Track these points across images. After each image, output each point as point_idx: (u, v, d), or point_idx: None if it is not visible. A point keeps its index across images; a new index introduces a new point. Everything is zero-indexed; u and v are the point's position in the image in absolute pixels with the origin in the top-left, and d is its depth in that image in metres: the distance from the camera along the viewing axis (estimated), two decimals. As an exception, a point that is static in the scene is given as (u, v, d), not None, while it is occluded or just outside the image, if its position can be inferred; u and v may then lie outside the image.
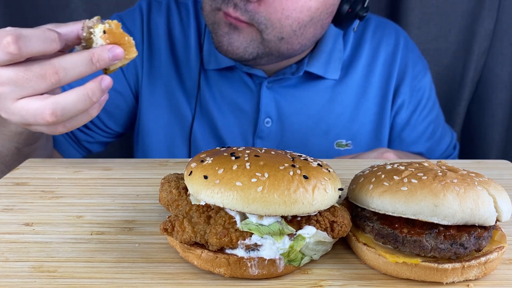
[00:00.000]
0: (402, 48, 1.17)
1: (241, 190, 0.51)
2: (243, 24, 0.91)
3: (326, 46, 1.10)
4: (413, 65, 1.18)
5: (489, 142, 1.62)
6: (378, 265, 0.55)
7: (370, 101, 1.16)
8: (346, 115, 1.15)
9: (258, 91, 1.12)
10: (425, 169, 0.58)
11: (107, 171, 0.84)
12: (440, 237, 0.52)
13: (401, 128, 1.19)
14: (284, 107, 1.12)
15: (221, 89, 1.13)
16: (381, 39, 1.17)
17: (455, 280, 0.53)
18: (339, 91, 1.14)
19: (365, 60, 1.15)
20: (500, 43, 1.52)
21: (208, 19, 0.97)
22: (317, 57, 1.09)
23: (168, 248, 0.59)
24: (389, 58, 1.17)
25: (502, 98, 1.55)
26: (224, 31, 0.94)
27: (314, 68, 1.09)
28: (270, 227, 0.52)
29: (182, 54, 1.15)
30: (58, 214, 0.68)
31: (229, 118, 1.14)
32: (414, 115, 1.19)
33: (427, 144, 1.22)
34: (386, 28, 1.20)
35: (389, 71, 1.16)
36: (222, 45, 0.95)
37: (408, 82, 1.17)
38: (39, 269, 0.55)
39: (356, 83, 1.15)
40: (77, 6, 1.51)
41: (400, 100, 1.17)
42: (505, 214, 0.54)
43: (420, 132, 1.21)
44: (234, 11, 0.89)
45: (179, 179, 0.63)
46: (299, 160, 0.57)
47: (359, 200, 0.58)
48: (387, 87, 1.16)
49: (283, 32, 0.91)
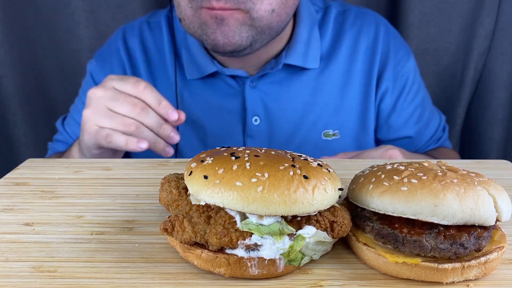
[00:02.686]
0: (382, 36, 1.18)
1: (241, 190, 0.51)
2: (227, 12, 0.92)
3: (301, 36, 1.11)
4: (395, 51, 1.19)
5: (489, 142, 1.62)
6: (378, 265, 0.55)
7: (354, 90, 1.17)
8: (331, 105, 1.16)
9: (242, 92, 1.13)
10: (425, 169, 0.58)
11: (107, 171, 0.84)
12: (440, 237, 0.52)
13: (388, 114, 1.21)
14: (270, 103, 1.14)
15: (205, 96, 1.15)
16: (361, 28, 1.18)
17: (455, 280, 0.53)
18: (322, 82, 1.15)
19: (346, 50, 1.16)
20: (500, 43, 1.52)
21: (193, 23, 0.97)
22: (293, 48, 1.10)
23: (168, 248, 0.59)
24: (370, 46, 1.17)
25: (502, 98, 1.55)
26: (213, 28, 0.94)
27: (292, 60, 1.10)
28: (270, 227, 0.52)
29: (158, 70, 1.18)
30: (58, 214, 0.68)
31: (217, 123, 1.16)
32: (400, 100, 1.20)
33: (415, 128, 1.23)
34: (366, 17, 1.21)
35: (371, 59, 1.17)
36: (218, 42, 0.95)
37: (391, 69, 1.18)
38: (39, 269, 0.55)
39: (339, 73, 1.16)
40: (77, 6, 1.51)
41: (383, 86, 1.18)
42: (505, 214, 0.54)
43: (407, 117, 1.22)
44: (217, 2, 0.90)
45: (179, 179, 0.63)
46: (299, 160, 0.57)
47: (359, 200, 0.58)
48: (370, 75, 1.17)
49: (273, 3, 0.93)
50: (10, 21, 1.53)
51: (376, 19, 1.22)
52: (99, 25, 1.54)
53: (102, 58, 1.21)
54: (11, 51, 1.57)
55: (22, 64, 1.60)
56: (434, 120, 1.27)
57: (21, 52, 1.58)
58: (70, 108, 1.24)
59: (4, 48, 1.55)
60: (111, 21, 1.54)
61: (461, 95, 1.60)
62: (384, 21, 1.23)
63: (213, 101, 1.15)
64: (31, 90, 1.64)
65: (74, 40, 1.56)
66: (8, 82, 1.59)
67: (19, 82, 1.61)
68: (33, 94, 1.65)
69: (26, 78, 1.62)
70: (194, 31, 0.98)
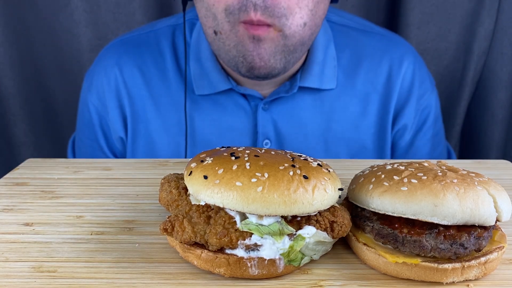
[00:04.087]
0: (407, 66, 1.11)
1: (241, 190, 0.51)
2: (264, 31, 0.88)
3: (317, 57, 1.06)
4: (420, 83, 1.12)
5: (489, 142, 1.62)
6: (378, 265, 0.55)
7: (370, 120, 1.11)
8: (346, 134, 1.11)
9: (254, 113, 1.08)
10: (425, 169, 0.58)
11: (107, 171, 0.84)
12: (440, 237, 0.52)
13: (405, 151, 1.15)
14: (282, 127, 1.09)
15: (214, 115, 1.09)
16: (384, 55, 1.11)
17: (455, 280, 0.53)
18: (337, 109, 1.10)
19: (365, 77, 1.11)
20: (500, 43, 1.52)
21: (230, 40, 0.91)
22: (309, 70, 1.05)
23: (168, 248, 0.59)
24: (393, 75, 1.10)
25: (502, 98, 1.55)
26: (250, 49, 0.90)
27: (308, 82, 1.05)
28: (270, 227, 0.52)
29: (158, 86, 1.10)
30: (58, 214, 0.68)
31: (226, 143, 1.09)
32: (418, 135, 1.15)
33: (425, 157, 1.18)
34: (391, 43, 1.14)
35: (391, 90, 1.11)
36: (255, 64, 0.91)
37: (413, 102, 1.11)
38: (39, 269, 0.55)
39: (355, 101, 1.10)
40: (77, 6, 1.51)
41: (403, 121, 1.12)
42: (505, 214, 0.54)
43: (421, 151, 1.17)
44: (255, 13, 0.85)
45: (179, 179, 0.63)
46: (299, 160, 0.57)
47: (359, 200, 0.58)
48: (386, 107, 1.11)
49: (304, 16, 0.88)
50: (10, 21, 1.53)
51: (402, 46, 1.15)
52: (99, 25, 1.54)
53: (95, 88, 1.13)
54: (11, 51, 1.57)
55: (22, 64, 1.60)
56: (442, 157, 1.22)
57: (21, 52, 1.58)
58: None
59: (4, 48, 1.55)
60: (111, 21, 1.54)
61: (461, 95, 1.59)
62: (412, 49, 1.16)
63: (222, 120, 1.09)
64: (31, 90, 1.64)
65: (74, 40, 1.56)
66: (8, 82, 1.59)
67: (19, 82, 1.61)
68: (33, 94, 1.65)
69: (26, 78, 1.62)
70: (229, 50, 0.93)
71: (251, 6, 0.85)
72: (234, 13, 0.87)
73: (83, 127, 1.16)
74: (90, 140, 1.15)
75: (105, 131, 1.13)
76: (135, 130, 1.10)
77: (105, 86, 1.10)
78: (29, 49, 1.59)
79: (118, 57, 1.11)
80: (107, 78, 1.10)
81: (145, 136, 1.10)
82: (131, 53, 1.11)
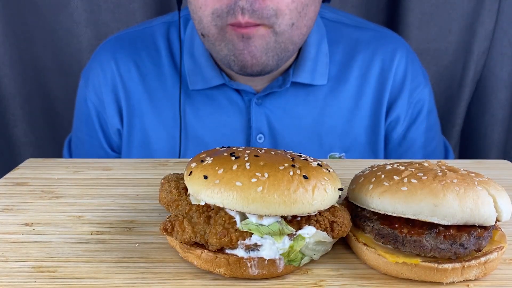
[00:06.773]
0: (399, 59, 1.12)
1: (241, 190, 0.51)
2: (252, 29, 0.88)
3: (310, 53, 1.07)
4: (412, 77, 1.13)
5: (489, 142, 1.62)
6: (378, 265, 0.55)
7: (363, 113, 1.12)
8: (339, 128, 1.12)
9: (247, 108, 1.09)
10: (425, 169, 0.58)
11: (107, 171, 0.84)
12: (440, 237, 0.52)
13: (398, 144, 1.16)
14: (276, 122, 1.10)
15: (207, 110, 1.10)
16: (377, 50, 1.12)
17: (455, 280, 0.53)
18: (330, 103, 1.11)
19: (358, 71, 1.12)
20: (500, 43, 1.52)
21: (219, 41, 0.92)
22: (301, 65, 1.06)
23: (168, 248, 0.59)
24: (386, 69, 1.12)
25: (502, 98, 1.55)
26: (241, 48, 0.91)
27: (300, 78, 1.06)
28: (270, 227, 0.52)
29: (154, 81, 1.10)
30: (58, 214, 0.68)
31: (220, 138, 1.11)
32: (411, 129, 1.15)
33: (419, 153, 1.18)
34: (384, 37, 1.15)
35: (384, 84, 1.12)
36: (246, 62, 0.92)
37: (405, 95, 1.12)
38: (39, 269, 0.55)
39: (348, 95, 1.11)
40: (77, 6, 1.51)
41: (395, 114, 1.13)
42: (505, 214, 0.54)
43: (415, 145, 1.17)
44: (242, 16, 0.86)
45: (179, 179, 0.63)
46: (299, 160, 0.57)
47: (359, 200, 0.58)
48: (380, 100, 1.12)
49: (293, 17, 0.90)
50: (10, 21, 1.53)
51: (394, 41, 1.15)
52: (99, 25, 1.54)
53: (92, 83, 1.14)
54: (11, 51, 1.56)
55: (22, 64, 1.60)
56: (438, 151, 1.22)
57: (21, 52, 1.58)
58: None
59: (4, 48, 1.55)
60: (111, 21, 1.54)
61: (461, 95, 1.59)
62: (404, 43, 1.17)
63: (215, 115, 1.10)
64: (31, 90, 1.64)
65: (74, 40, 1.56)
66: (8, 82, 1.59)
67: (19, 82, 1.61)
68: (33, 94, 1.65)
69: (26, 78, 1.62)
70: (220, 49, 0.94)
71: (238, 10, 0.86)
72: (222, 16, 0.88)
73: (81, 124, 1.17)
74: (88, 136, 1.16)
75: (103, 126, 1.14)
76: (130, 123, 1.11)
77: (102, 80, 1.11)
78: (29, 49, 1.59)
79: (114, 52, 1.12)
80: (104, 73, 1.11)
81: (141, 130, 1.11)
82: (126, 48, 1.12)
